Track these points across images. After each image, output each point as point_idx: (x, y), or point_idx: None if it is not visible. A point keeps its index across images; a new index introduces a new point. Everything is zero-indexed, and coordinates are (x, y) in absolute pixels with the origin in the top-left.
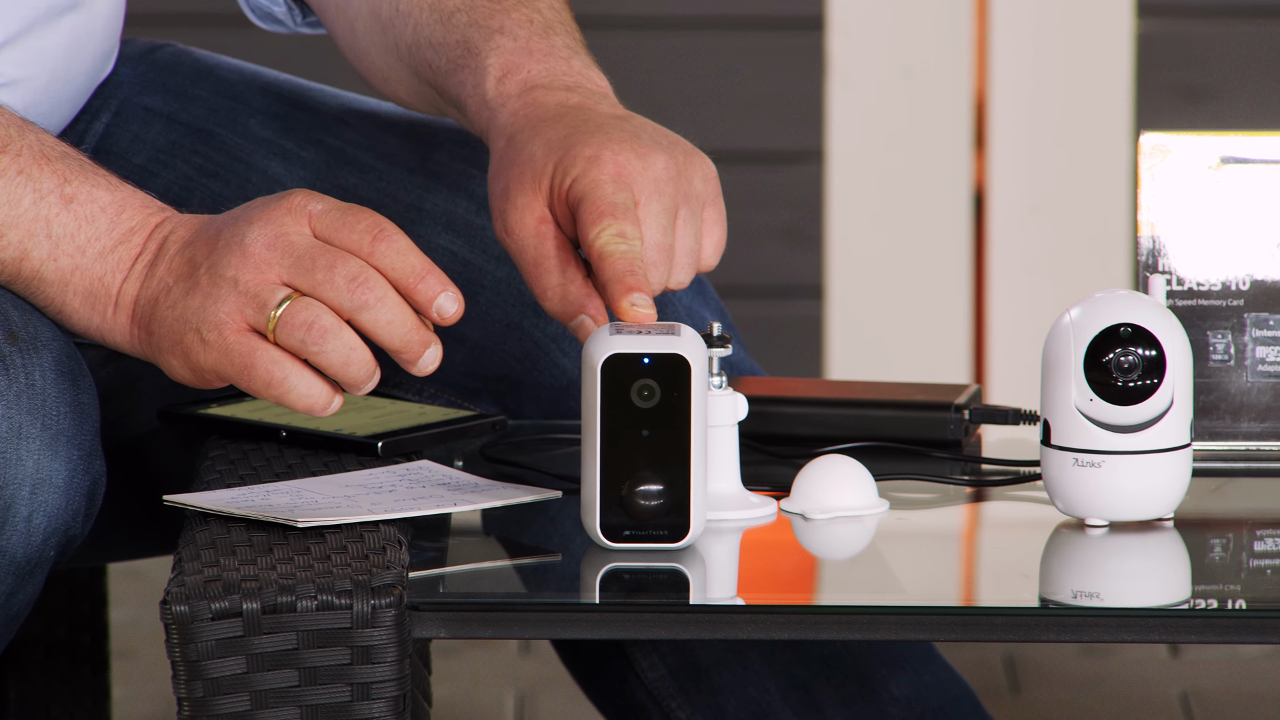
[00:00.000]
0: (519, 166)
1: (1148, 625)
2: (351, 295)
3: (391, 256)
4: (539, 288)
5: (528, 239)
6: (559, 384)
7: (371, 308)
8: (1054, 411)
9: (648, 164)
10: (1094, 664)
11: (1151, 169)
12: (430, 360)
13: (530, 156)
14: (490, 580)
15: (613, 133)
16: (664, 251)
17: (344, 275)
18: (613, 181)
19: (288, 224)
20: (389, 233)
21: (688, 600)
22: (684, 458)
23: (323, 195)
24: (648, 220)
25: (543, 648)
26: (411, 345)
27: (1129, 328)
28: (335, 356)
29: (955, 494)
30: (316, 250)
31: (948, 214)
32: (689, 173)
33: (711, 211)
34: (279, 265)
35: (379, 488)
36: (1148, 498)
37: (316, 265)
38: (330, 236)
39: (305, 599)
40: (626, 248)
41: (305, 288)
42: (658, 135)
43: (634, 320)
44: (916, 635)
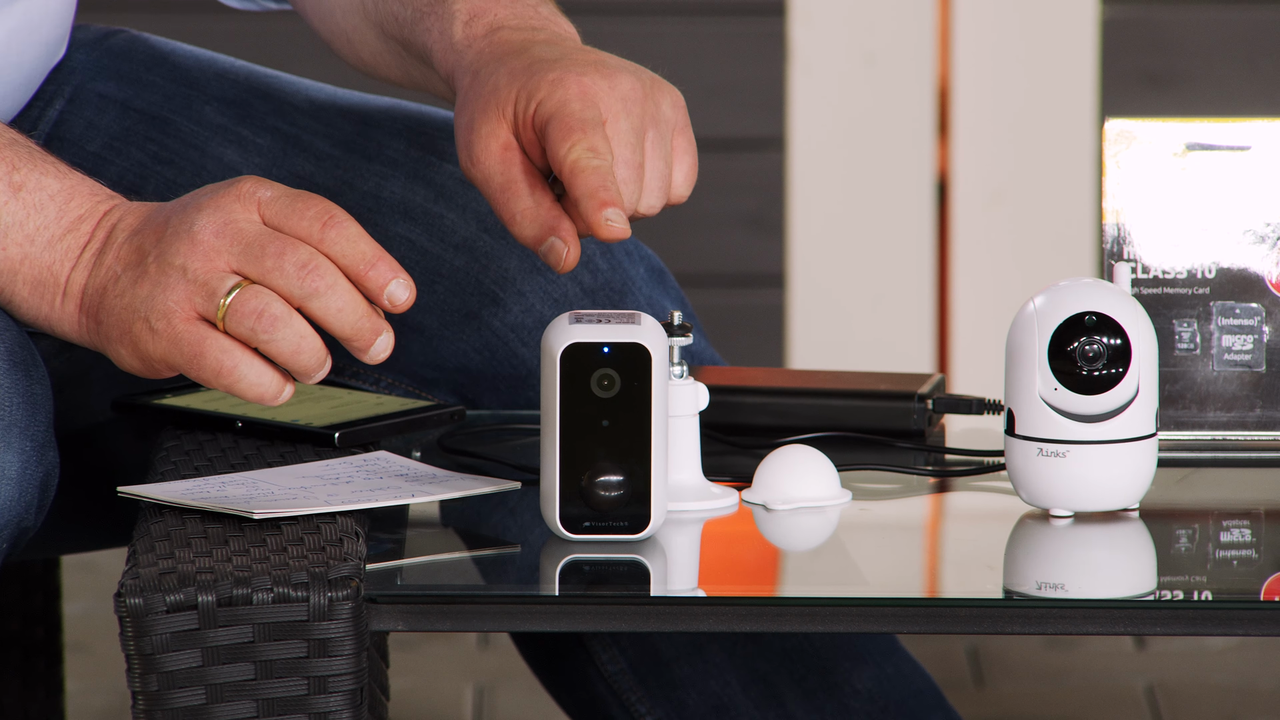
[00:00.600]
0: (483, 98)
1: (1113, 617)
2: (301, 283)
3: (342, 243)
4: (508, 213)
5: (493, 166)
6: (518, 374)
7: (322, 295)
8: (1018, 401)
9: (614, 84)
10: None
11: (1116, 156)
12: (381, 348)
13: (495, 86)
14: (448, 572)
15: (576, 57)
16: (634, 169)
17: (294, 262)
18: (579, 99)
19: (236, 211)
20: (339, 219)
21: (648, 592)
22: (644, 448)
23: (272, 182)
24: (617, 138)
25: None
26: (362, 333)
27: (1094, 316)
28: (285, 345)
29: (919, 484)
30: (266, 237)
31: (911, 202)
32: (657, 96)
33: (681, 140)
34: (228, 253)
35: (336, 479)
36: (1113, 488)
37: (266, 252)
38: (280, 223)
39: (261, 591)
40: (599, 162)
41: (255, 275)
42: (623, 63)
43: (610, 237)
44: (879, 627)
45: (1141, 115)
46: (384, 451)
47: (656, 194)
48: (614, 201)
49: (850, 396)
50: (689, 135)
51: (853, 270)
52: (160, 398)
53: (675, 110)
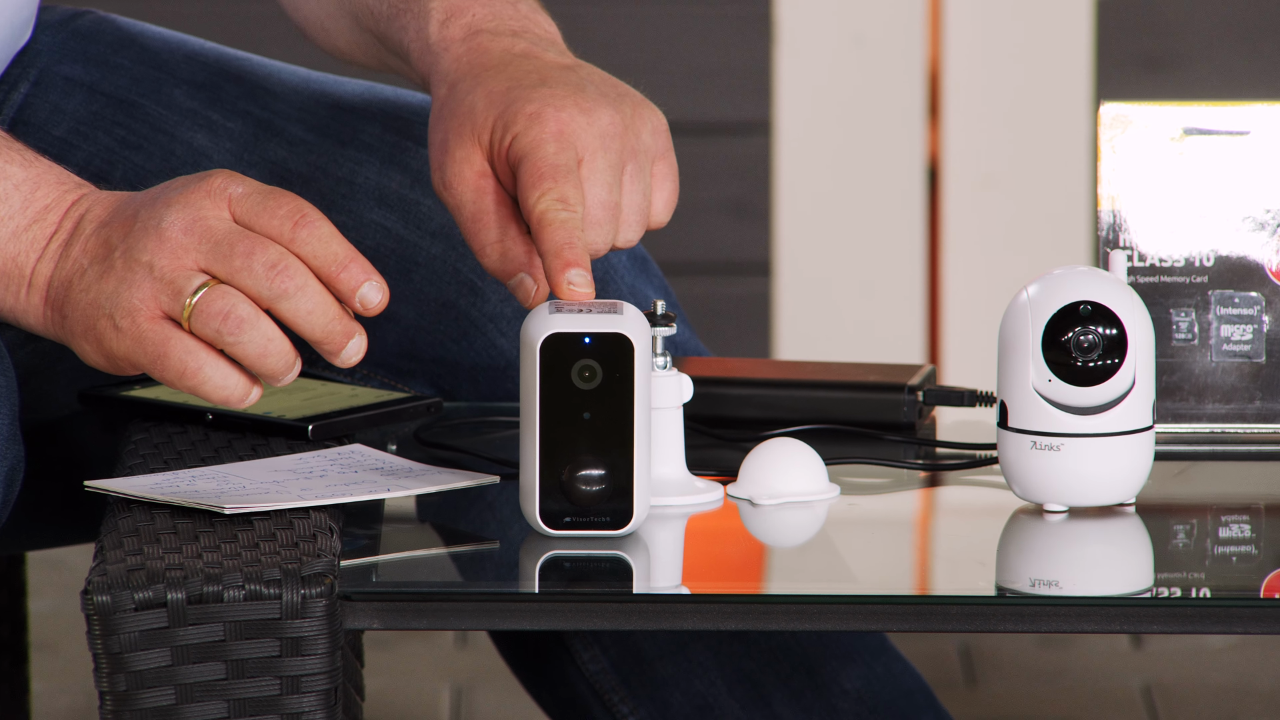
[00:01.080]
0: (459, 118)
1: (1109, 615)
2: (270, 284)
3: (313, 244)
4: (477, 244)
5: (466, 193)
6: (496, 365)
7: (291, 296)
8: (1011, 393)
9: (592, 119)
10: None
11: (1112, 140)
12: (353, 352)
13: (471, 108)
14: (425, 569)
15: (556, 87)
16: (609, 210)
17: (263, 262)
18: (555, 140)
19: (206, 207)
20: (311, 218)
21: (630, 589)
22: (627, 441)
23: (244, 177)
24: (592, 178)
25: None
26: (333, 336)
27: (1089, 305)
28: (252, 348)
29: (909, 478)
30: (235, 236)
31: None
32: (637, 126)
33: (662, 166)
34: (196, 251)
35: (309, 473)
36: (1108, 482)
37: (235, 252)
38: (250, 221)
39: (232, 589)
40: (567, 215)
41: (223, 275)
42: (604, 87)
43: (572, 299)
44: (868, 626)
45: (1138, 98)
46: (359, 445)
47: (634, 227)
48: (576, 262)
49: (838, 388)
50: (670, 160)
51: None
52: (128, 389)
53: (656, 137)
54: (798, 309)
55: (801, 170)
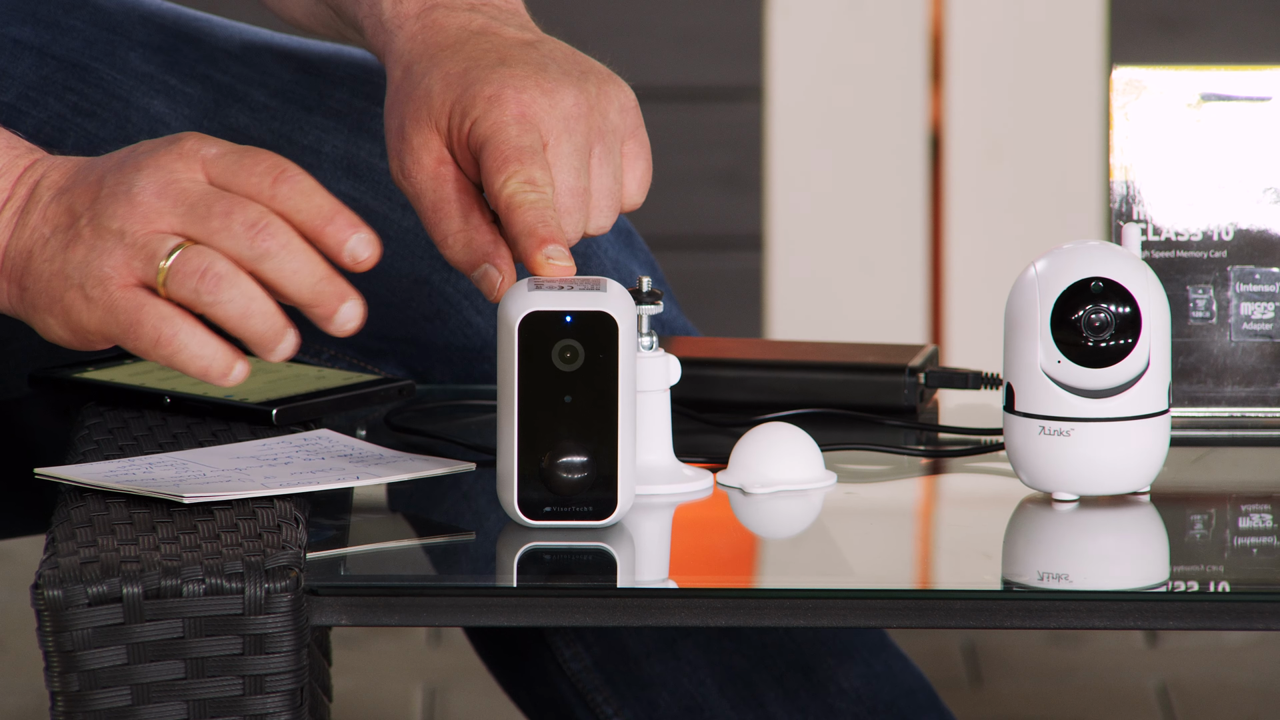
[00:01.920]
0: (415, 103)
1: (1122, 610)
2: (251, 243)
3: (295, 199)
4: (439, 235)
5: (425, 182)
6: (472, 345)
7: (274, 255)
8: (1018, 374)
9: (555, 100)
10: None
11: (1125, 107)
12: (348, 316)
13: (427, 92)
14: (396, 562)
15: (516, 66)
16: (578, 196)
17: (242, 221)
18: (517, 123)
19: (179, 170)
20: (291, 174)
21: (615, 583)
22: (610, 426)
23: (217, 139)
24: (558, 163)
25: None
26: (324, 297)
27: (1100, 282)
28: (233, 307)
29: (909, 465)
30: (212, 196)
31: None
32: (603, 105)
33: (632, 145)
34: (170, 214)
35: (273, 460)
36: (1121, 469)
37: (212, 212)
38: (227, 182)
39: (192, 582)
40: (536, 196)
41: (200, 236)
42: (567, 65)
43: (551, 275)
44: (867, 621)
45: (1152, 62)
46: (326, 430)
47: (607, 212)
48: (553, 238)
49: (835, 370)
50: (641, 137)
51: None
52: (81, 371)
53: (624, 114)
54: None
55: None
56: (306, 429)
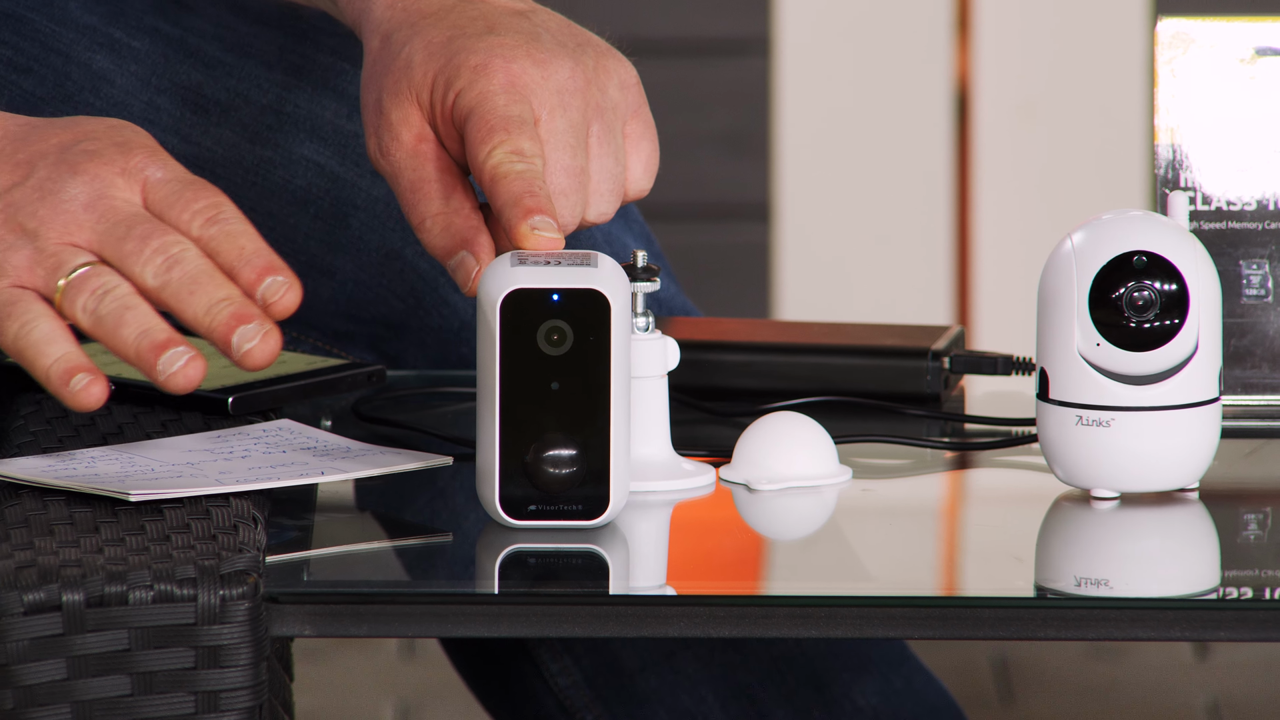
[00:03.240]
0: (394, 75)
1: (1168, 619)
2: (156, 270)
3: (220, 239)
4: (416, 218)
5: (404, 160)
6: (449, 326)
7: (176, 284)
8: (1053, 359)
9: (548, 73)
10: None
11: (1171, 62)
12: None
13: (407, 62)
14: (365, 566)
15: (505, 35)
16: (575, 176)
17: (156, 248)
18: (505, 93)
19: (118, 187)
20: (226, 216)
21: (606, 590)
22: (602, 416)
23: (169, 159)
24: (552, 140)
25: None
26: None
27: (1144, 256)
28: (109, 320)
29: (933, 460)
30: (136, 220)
31: (923, 117)
32: (601, 80)
33: (636, 125)
34: (91, 229)
35: (229, 453)
36: (1167, 464)
37: (130, 234)
38: (161, 211)
39: (139, 589)
40: (524, 166)
41: (112, 258)
42: (562, 36)
43: (537, 247)
44: (886, 632)
45: (1201, 13)
46: (287, 420)
47: (608, 197)
48: (541, 209)
49: (850, 354)
50: (645, 116)
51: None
52: None
53: (625, 91)
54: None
55: (806, 97)
56: (266, 419)
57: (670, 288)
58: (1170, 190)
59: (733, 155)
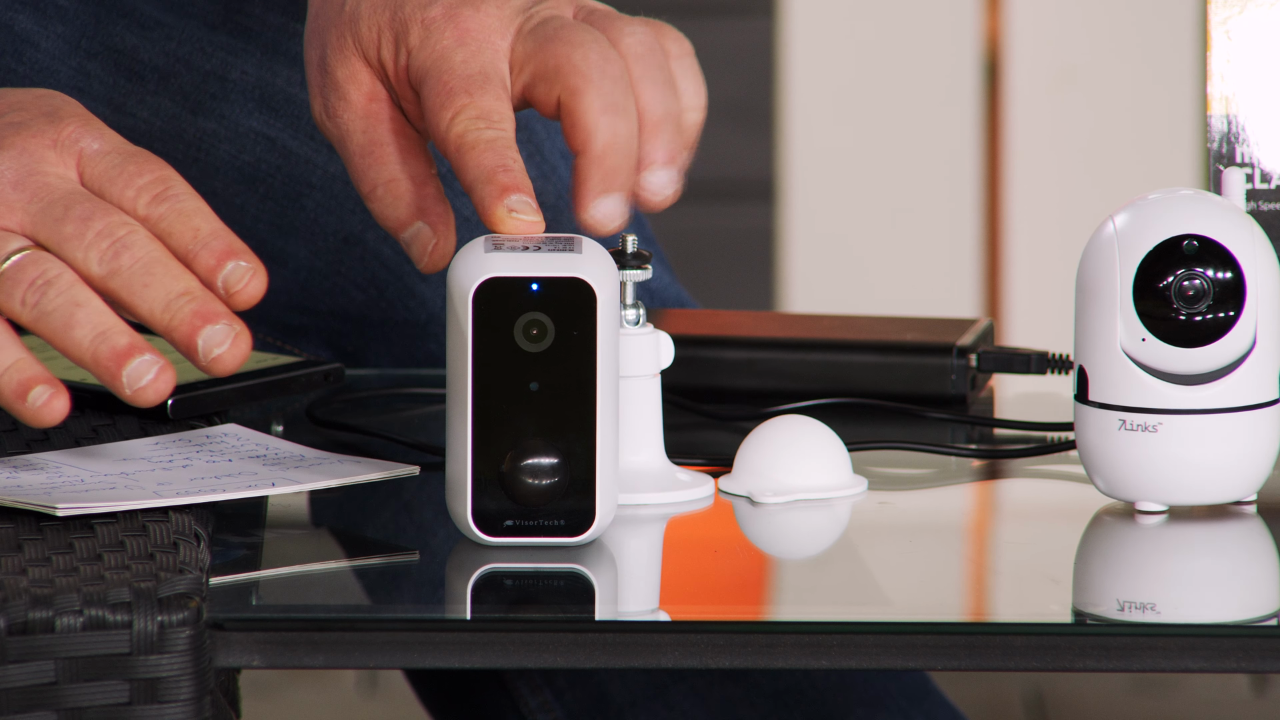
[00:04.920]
0: (338, 28)
1: (1222, 648)
2: (102, 256)
3: (170, 219)
4: (367, 185)
5: (353, 122)
6: (416, 319)
7: (125, 271)
8: (1093, 356)
9: (506, 12)
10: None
11: (1226, 24)
12: (216, 341)
13: (353, 16)
14: (321, 589)
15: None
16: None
17: (100, 230)
18: (462, 46)
19: (49, 161)
20: (175, 192)
21: (592, 615)
22: (587, 420)
23: (104, 128)
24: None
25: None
26: (178, 315)
27: (1195, 241)
28: (58, 317)
29: (958, 469)
30: (74, 198)
31: (948, 86)
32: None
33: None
34: (23, 210)
35: (169, 462)
36: (1221, 473)
37: (69, 215)
38: (101, 188)
39: (67, 614)
40: (494, 134)
41: (49, 242)
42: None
43: (515, 233)
44: (906, 663)
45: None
46: (233, 425)
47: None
48: (518, 185)
49: (865, 350)
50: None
51: (867, 178)
52: None
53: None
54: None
55: (816, 62)
56: (210, 424)
57: (664, 276)
58: (1225, 167)
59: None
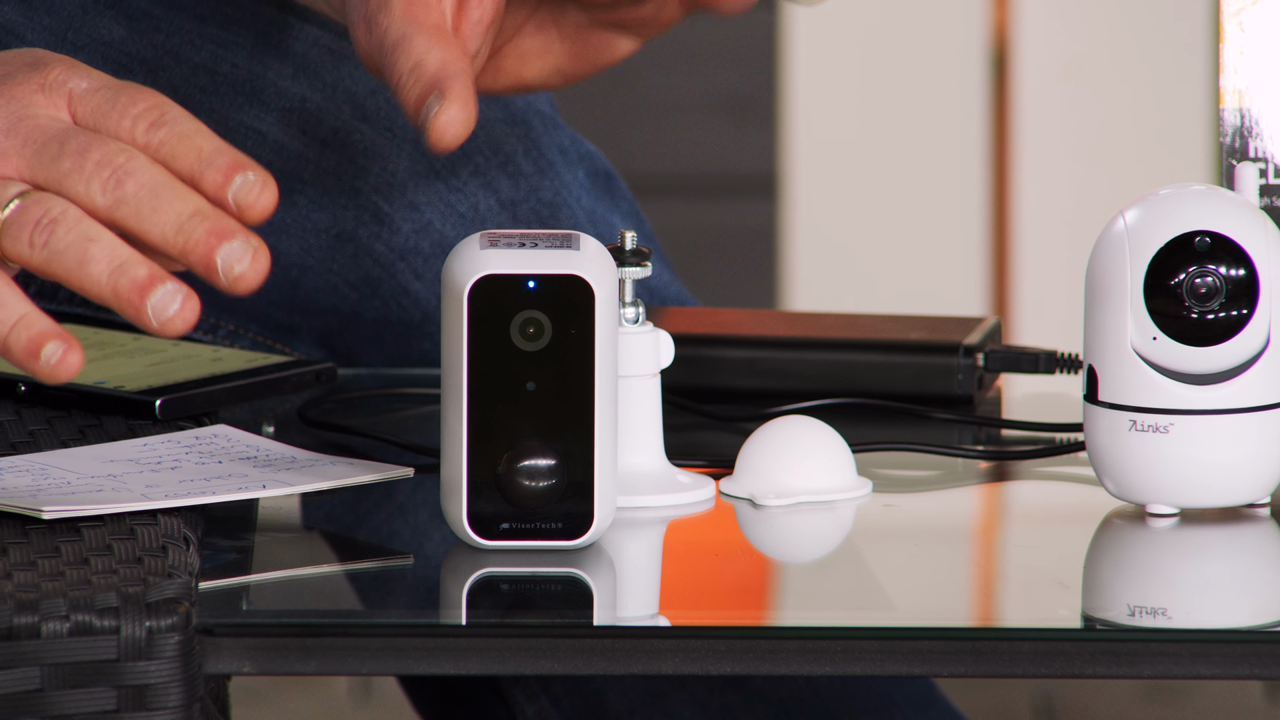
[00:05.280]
0: None
1: (1235, 654)
2: (105, 185)
3: (172, 142)
4: (395, 77)
5: (391, 24)
6: (409, 318)
7: (132, 199)
8: (1103, 355)
9: None
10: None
11: (1239, 14)
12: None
13: None
14: (313, 594)
15: None
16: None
17: (98, 160)
18: None
19: (38, 105)
20: (172, 116)
21: (590, 620)
22: (585, 421)
23: (89, 68)
24: None
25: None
26: (196, 238)
27: (1207, 237)
28: (70, 254)
29: (965, 471)
30: (68, 134)
31: (955, 77)
32: None
33: None
34: (17, 155)
35: (157, 464)
36: (1234, 476)
37: (65, 150)
38: (96, 124)
39: (53, 620)
40: None
41: (48, 182)
42: None
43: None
44: (911, 669)
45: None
46: (223, 425)
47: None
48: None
49: (869, 349)
50: None
51: (871, 173)
52: None
53: None
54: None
55: (819, 54)
56: (199, 424)
57: (663, 274)
58: (1237, 161)
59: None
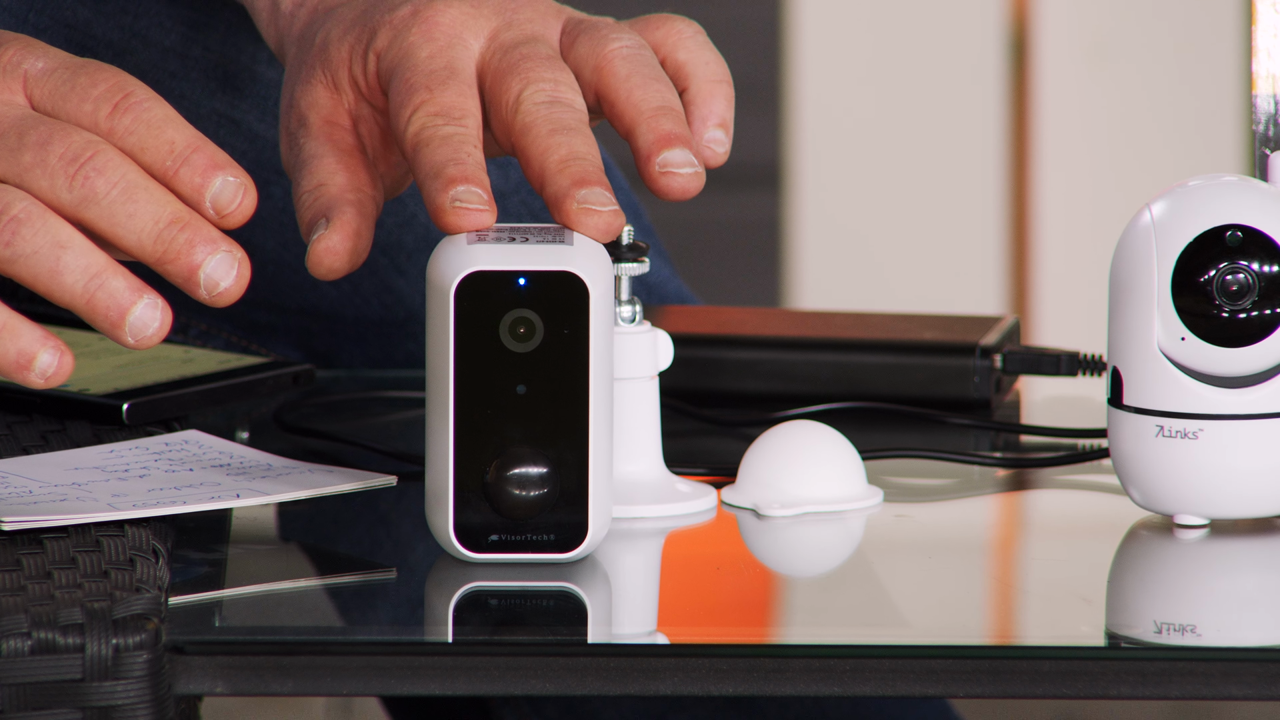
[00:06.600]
0: (309, 65)
1: (1268, 674)
2: (71, 181)
3: (140, 132)
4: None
5: (306, 144)
6: (393, 317)
7: (103, 198)
8: (1128, 356)
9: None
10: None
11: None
12: (219, 272)
13: (323, 44)
14: (289, 609)
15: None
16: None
17: (62, 154)
18: (429, 42)
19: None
20: (138, 99)
21: (584, 638)
22: (579, 426)
23: (47, 47)
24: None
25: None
26: (175, 247)
27: (1239, 231)
28: (39, 260)
29: (982, 479)
30: (28, 123)
31: (972, 61)
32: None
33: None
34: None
35: (125, 471)
36: (1266, 485)
37: (25, 142)
38: (54, 107)
39: (14, 637)
40: (452, 130)
41: (8, 175)
42: None
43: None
44: (925, 690)
45: None
46: (195, 431)
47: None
48: (467, 176)
49: (881, 350)
50: None
51: (883, 164)
52: None
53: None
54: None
55: (826, 37)
56: (169, 430)
57: (662, 270)
58: (1271, 150)
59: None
